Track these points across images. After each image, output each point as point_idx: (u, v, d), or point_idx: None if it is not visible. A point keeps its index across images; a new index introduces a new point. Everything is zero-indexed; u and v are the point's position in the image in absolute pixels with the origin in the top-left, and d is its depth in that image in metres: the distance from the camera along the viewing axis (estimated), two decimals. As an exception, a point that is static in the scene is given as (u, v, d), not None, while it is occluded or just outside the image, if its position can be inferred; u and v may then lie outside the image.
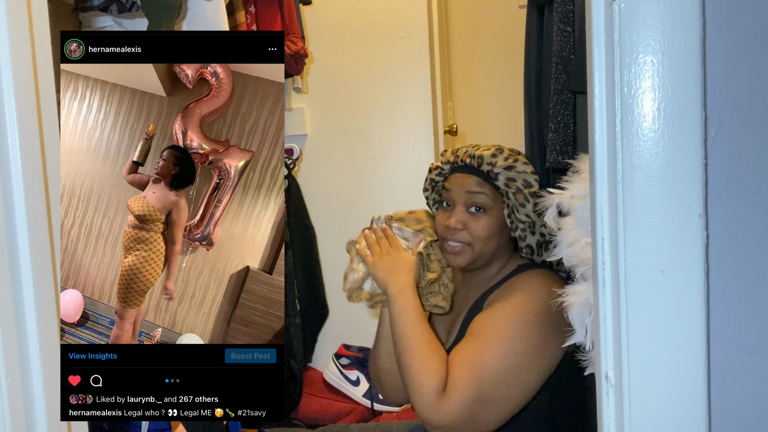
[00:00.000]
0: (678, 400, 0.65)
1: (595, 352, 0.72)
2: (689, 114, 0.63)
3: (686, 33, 0.63)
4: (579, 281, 0.95)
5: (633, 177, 0.65)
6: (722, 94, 0.65)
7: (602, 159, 0.68)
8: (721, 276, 0.66)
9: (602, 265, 0.69)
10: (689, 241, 0.64)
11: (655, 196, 0.64)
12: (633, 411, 0.67)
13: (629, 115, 0.65)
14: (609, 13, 0.65)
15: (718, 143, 0.65)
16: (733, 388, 0.67)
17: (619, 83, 0.65)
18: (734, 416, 0.67)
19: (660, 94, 0.64)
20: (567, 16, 1.13)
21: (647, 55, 0.64)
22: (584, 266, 0.94)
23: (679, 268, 0.64)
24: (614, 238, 0.67)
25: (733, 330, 0.66)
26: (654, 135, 0.64)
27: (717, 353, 0.66)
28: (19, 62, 0.67)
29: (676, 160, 0.64)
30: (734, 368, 0.67)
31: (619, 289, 0.66)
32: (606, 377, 0.69)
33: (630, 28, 0.64)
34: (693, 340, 0.65)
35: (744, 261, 0.66)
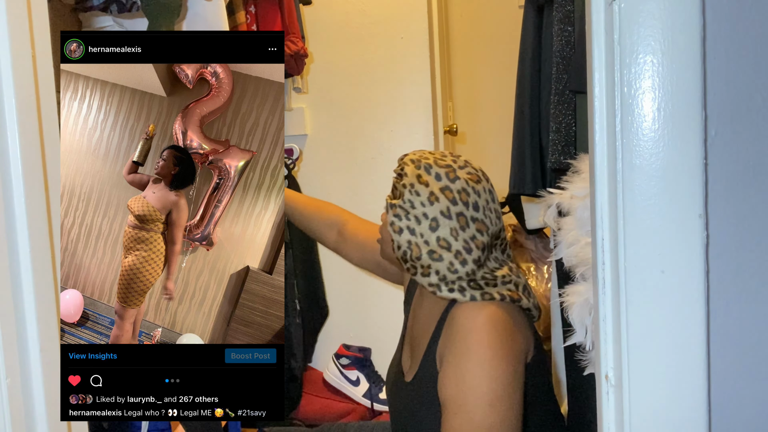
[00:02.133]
0: (678, 400, 0.65)
1: (595, 352, 0.72)
2: (689, 114, 0.63)
3: (686, 33, 0.63)
4: (579, 281, 0.95)
5: (633, 177, 0.65)
6: (722, 94, 0.65)
7: (602, 159, 0.68)
8: (721, 276, 0.66)
9: (602, 265, 0.69)
10: (689, 241, 0.64)
11: (655, 196, 0.64)
12: (633, 411, 0.67)
13: (629, 115, 0.65)
14: (609, 13, 0.65)
15: (718, 143, 0.65)
16: (733, 388, 0.67)
17: (619, 83, 0.65)
18: (734, 416, 0.67)
19: (660, 94, 0.64)
20: (568, 17, 1.13)
21: (647, 55, 0.64)
22: (584, 266, 0.94)
23: (679, 268, 0.64)
24: (614, 238, 0.67)
25: (733, 330, 0.66)
26: (654, 135, 0.64)
27: (717, 353, 0.66)
28: (19, 62, 0.67)
29: (676, 160, 0.64)
30: (734, 368, 0.67)
31: (619, 289, 0.66)
32: (606, 377, 0.69)
33: (630, 28, 0.64)
34: (693, 340, 0.65)
35: (744, 261, 0.66)
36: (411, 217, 1.05)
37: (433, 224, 1.04)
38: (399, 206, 1.06)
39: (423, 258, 1.04)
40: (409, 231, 1.05)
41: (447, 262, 1.03)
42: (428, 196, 1.04)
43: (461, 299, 1.02)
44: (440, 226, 1.04)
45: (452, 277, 1.03)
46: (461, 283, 1.03)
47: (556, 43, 1.14)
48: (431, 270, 1.03)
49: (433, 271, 1.03)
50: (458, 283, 1.03)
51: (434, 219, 1.04)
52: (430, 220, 1.04)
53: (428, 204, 1.04)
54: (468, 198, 1.05)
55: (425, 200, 1.04)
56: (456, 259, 1.03)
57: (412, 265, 1.05)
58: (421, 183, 1.05)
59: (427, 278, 1.04)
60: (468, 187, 1.06)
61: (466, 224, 1.03)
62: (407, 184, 1.06)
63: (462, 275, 1.03)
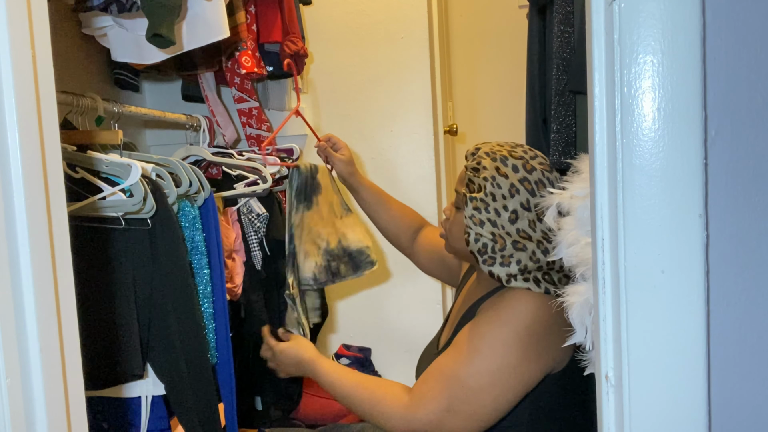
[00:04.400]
0: (678, 400, 0.65)
1: (595, 352, 0.72)
2: (689, 114, 0.63)
3: (686, 33, 0.63)
4: (579, 281, 0.95)
5: (633, 177, 0.65)
6: (722, 94, 0.65)
7: (602, 159, 0.68)
8: (721, 276, 0.66)
9: (602, 265, 0.69)
10: (689, 241, 0.64)
11: (655, 196, 0.64)
12: (633, 411, 0.67)
13: (629, 115, 0.65)
14: (609, 13, 0.65)
15: (718, 143, 0.65)
16: (733, 388, 0.67)
17: (619, 83, 0.65)
18: (734, 416, 0.67)
19: (660, 94, 0.64)
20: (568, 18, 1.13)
21: (647, 55, 0.64)
22: (584, 266, 0.94)
23: (679, 268, 0.64)
24: (614, 238, 0.67)
25: (733, 330, 0.66)
26: (654, 135, 0.64)
27: (717, 353, 0.66)
28: (19, 62, 0.67)
29: (676, 160, 0.64)
30: (734, 368, 0.67)
31: (619, 289, 0.66)
32: (606, 377, 0.69)
33: (630, 28, 0.64)
34: (693, 341, 0.65)
35: (744, 261, 0.66)
36: (491, 209, 1.05)
37: (513, 216, 1.05)
38: (480, 199, 1.06)
39: (507, 248, 1.04)
40: (491, 223, 1.05)
41: (530, 251, 1.03)
42: (509, 188, 1.05)
43: (536, 290, 1.03)
44: (519, 218, 1.05)
45: (532, 266, 1.03)
46: (537, 274, 1.03)
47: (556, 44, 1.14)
48: (513, 260, 1.04)
49: (515, 261, 1.03)
50: (534, 274, 1.03)
51: (514, 211, 1.05)
52: (509, 212, 1.05)
53: (509, 196, 1.05)
54: (545, 189, 1.06)
55: (506, 192, 1.05)
56: (538, 248, 1.03)
57: (490, 257, 1.05)
58: (501, 175, 1.06)
59: (506, 268, 1.03)
60: (543, 178, 1.07)
61: (543, 214, 1.04)
62: (488, 177, 1.06)
63: (542, 265, 1.04)
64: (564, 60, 1.13)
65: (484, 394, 1.00)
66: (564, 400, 1.08)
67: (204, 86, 1.94)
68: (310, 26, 2.16)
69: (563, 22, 1.13)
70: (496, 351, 1.00)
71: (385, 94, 2.15)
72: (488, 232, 1.05)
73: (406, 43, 2.12)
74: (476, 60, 2.89)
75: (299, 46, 1.85)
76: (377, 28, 2.13)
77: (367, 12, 2.14)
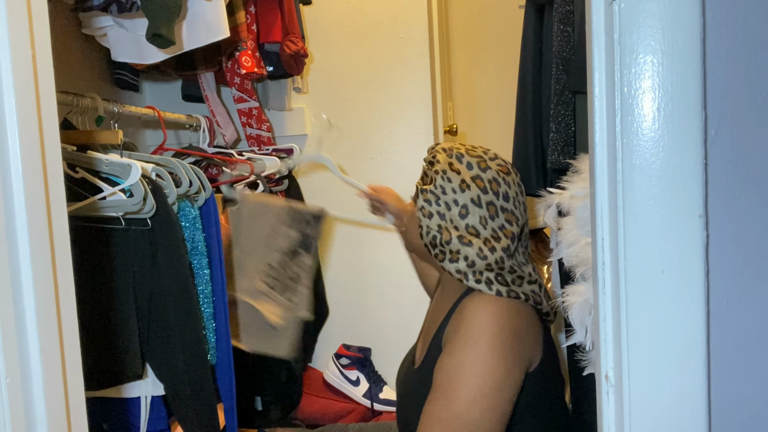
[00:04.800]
0: (678, 400, 0.65)
1: (595, 352, 0.72)
2: (689, 114, 0.63)
3: (686, 33, 0.63)
4: (579, 281, 0.95)
5: (633, 177, 0.65)
6: (722, 94, 0.65)
7: (602, 159, 0.68)
8: (721, 276, 0.66)
9: (602, 265, 0.69)
10: (689, 241, 0.64)
11: (655, 196, 0.64)
12: (633, 411, 0.67)
13: (629, 115, 0.65)
14: (609, 13, 0.65)
15: (718, 143, 0.65)
16: (733, 388, 0.67)
17: (619, 83, 0.65)
18: (734, 416, 0.67)
19: (660, 94, 0.64)
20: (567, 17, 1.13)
21: (647, 55, 0.64)
22: (584, 266, 0.94)
23: (679, 268, 0.64)
24: (614, 238, 0.67)
25: (733, 330, 0.66)
26: (654, 135, 0.64)
27: (717, 353, 0.66)
28: (19, 62, 0.67)
29: (676, 160, 0.64)
30: (734, 368, 0.67)
31: (619, 289, 0.66)
32: (606, 377, 0.69)
33: (630, 28, 0.64)
34: (693, 340, 0.65)
35: (744, 261, 0.66)
36: (441, 202, 1.06)
37: (463, 211, 1.05)
38: (430, 191, 1.07)
39: (453, 242, 1.04)
40: (439, 216, 1.05)
41: (476, 248, 1.03)
42: (459, 183, 1.05)
43: (487, 292, 1.02)
44: (470, 214, 1.04)
45: (481, 264, 1.03)
46: (489, 275, 1.03)
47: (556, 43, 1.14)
48: (460, 255, 1.03)
49: (462, 257, 1.03)
50: (486, 274, 1.03)
51: (464, 206, 1.04)
52: (460, 206, 1.05)
53: (459, 191, 1.05)
54: (498, 188, 1.05)
55: (456, 187, 1.05)
56: (485, 245, 1.03)
57: (441, 251, 1.05)
58: (452, 170, 1.06)
59: (455, 264, 1.04)
60: (498, 178, 1.06)
61: (496, 213, 1.04)
62: (439, 171, 1.07)
63: (491, 263, 1.03)
64: (564, 59, 1.13)
65: (487, 417, 0.99)
66: (545, 394, 1.08)
67: (204, 86, 1.94)
68: (310, 26, 2.16)
69: (563, 21, 1.13)
70: (480, 373, 0.99)
71: (385, 94, 2.15)
72: (435, 225, 1.06)
73: (406, 43, 2.12)
74: (476, 60, 2.88)
75: (299, 46, 1.85)
76: (377, 28, 2.13)
77: (367, 12, 2.14)
